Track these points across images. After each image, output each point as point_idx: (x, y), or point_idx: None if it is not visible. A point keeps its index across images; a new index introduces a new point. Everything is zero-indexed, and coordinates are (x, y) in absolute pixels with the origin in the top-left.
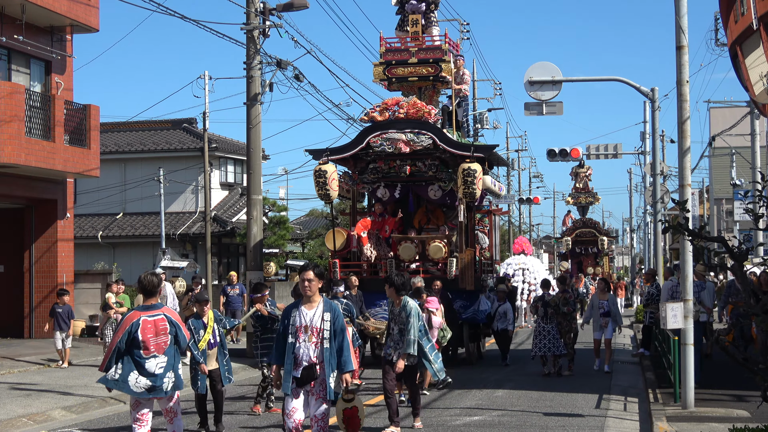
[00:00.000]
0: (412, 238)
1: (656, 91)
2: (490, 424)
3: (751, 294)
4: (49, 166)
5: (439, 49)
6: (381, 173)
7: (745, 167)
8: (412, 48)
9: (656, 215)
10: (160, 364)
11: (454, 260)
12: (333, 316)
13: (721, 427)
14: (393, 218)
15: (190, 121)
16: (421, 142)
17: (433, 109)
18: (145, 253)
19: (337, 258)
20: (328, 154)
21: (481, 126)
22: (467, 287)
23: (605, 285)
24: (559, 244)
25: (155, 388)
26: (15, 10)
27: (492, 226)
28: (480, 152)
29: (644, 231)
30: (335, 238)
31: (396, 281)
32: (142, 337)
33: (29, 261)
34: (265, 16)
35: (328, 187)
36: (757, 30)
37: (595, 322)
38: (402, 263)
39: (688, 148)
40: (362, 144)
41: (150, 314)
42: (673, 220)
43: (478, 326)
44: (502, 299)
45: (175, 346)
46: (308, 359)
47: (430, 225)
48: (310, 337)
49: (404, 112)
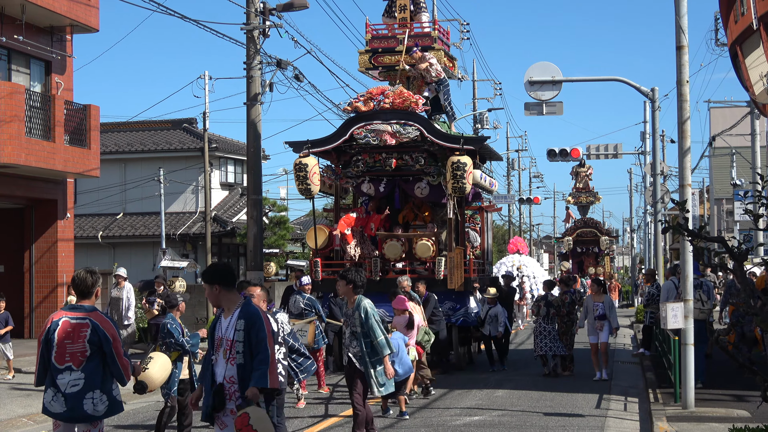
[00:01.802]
0: (398, 236)
1: (656, 91)
2: (491, 424)
3: (751, 294)
4: (49, 166)
5: (428, 36)
6: (365, 167)
7: (745, 167)
8: (400, 35)
9: (656, 215)
10: (73, 382)
11: (443, 259)
12: (248, 324)
13: (722, 427)
14: (378, 215)
15: (190, 121)
16: (407, 134)
17: (421, 98)
18: (146, 253)
19: (319, 257)
20: (309, 146)
21: (481, 126)
22: (456, 288)
23: (599, 286)
24: (559, 244)
25: (70, 412)
26: (15, 10)
27: (484, 224)
28: (470, 144)
29: (644, 231)
30: (317, 235)
31: (351, 277)
32: (56, 338)
33: (29, 261)
34: (265, 16)
35: (308, 182)
36: (757, 30)
37: (590, 325)
38: (388, 262)
39: (688, 148)
40: (345, 136)
41: (74, 315)
42: (673, 220)
43: (469, 329)
44: (493, 302)
45: (100, 364)
46: (221, 379)
47: (418, 222)
48: (225, 351)
49: (390, 102)
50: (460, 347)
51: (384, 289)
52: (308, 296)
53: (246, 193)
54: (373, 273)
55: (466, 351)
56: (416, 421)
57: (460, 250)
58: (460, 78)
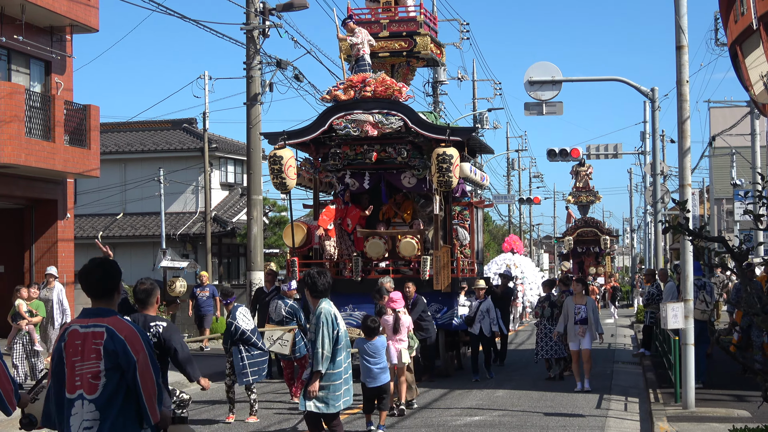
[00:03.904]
0: (380, 233)
1: (656, 91)
2: (491, 424)
3: (754, 293)
4: (49, 166)
5: (413, 21)
6: (346, 160)
7: (745, 167)
8: (384, 20)
9: (656, 215)
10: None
11: (429, 258)
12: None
13: (722, 427)
14: (357, 210)
15: (190, 121)
16: (390, 125)
17: (405, 87)
18: (146, 253)
19: (297, 256)
20: (285, 137)
21: (482, 126)
22: (443, 289)
23: (582, 286)
24: (560, 244)
25: None
26: (15, 10)
27: (474, 221)
28: (457, 135)
29: (644, 231)
30: (294, 233)
31: (309, 280)
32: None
33: (29, 261)
34: (265, 16)
35: (283, 175)
36: (757, 30)
37: (570, 331)
38: (370, 262)
39: (688, 148)
40: (324, 126)
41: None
42: (674, 220)
43: (457, 333)
44: (481, 296)
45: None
46: None
47: (398, 219)
48: None
49: (371, 90)
50: (448, 352)
51: (366, 290)
52: (291, 303)
53: (246, 193)
54: (354, 273)
55: (454, 356)
56: (416, 421)
57: (448, 248)
58: (460, 78)
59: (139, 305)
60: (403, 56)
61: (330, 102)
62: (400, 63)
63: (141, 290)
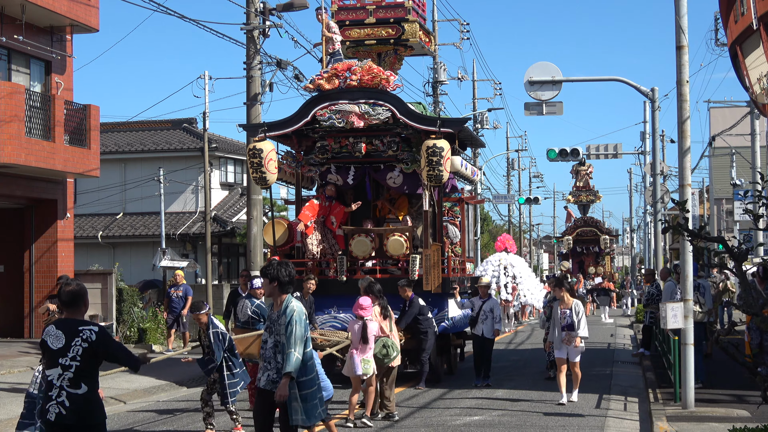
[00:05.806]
0: (367, 231)
1: (656, 91)
2: (491, 424)
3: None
4: (49, 166)
5: (401, 7)
6: (330, 153)
7: (745, 167)
8: (370, 6)
9: (656, 215)
10: None
11: (418, 257)
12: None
13: (721, 427)
14: (342, 207)
15: (190, 121)
16: (377, 116)
17: (393, 75)
18: (145, 253)
19: (278, 255)
20: (265, 129)
21: (482, 126)
22: (433, 290)
23: (562, 290)
24: (559, 244)
25: None
26: (15, 10)
27: (465, 218)
28: (448, 127)
29: (644, 231)
30: (274, 230)
31: (273, 273)
32: None
33: (29, 261)
34: (265, 16)
35: (263, 170)
36: (757, 30)
37: (556, 338)
38: (355, 261)
39: (688, 148)
40: (307, 117)
41: None
42: (673, 220)
43: (447, 336)
44: (485, 294)
45: None
46: None
47: (391, 216)
48: None
49: (357, 78)
50: (438, 356)
51: (352, 291)
52: (258, 302)
53: (246, 193)
54: (339, 273)
55: (444, 361)
56: (416, 420)
57: (438, 246)
58: (460, 78)
59: (65, 309)
60: (390, 44)
61: (314, 91)
62: (387, 51)
63: (67, 292)
